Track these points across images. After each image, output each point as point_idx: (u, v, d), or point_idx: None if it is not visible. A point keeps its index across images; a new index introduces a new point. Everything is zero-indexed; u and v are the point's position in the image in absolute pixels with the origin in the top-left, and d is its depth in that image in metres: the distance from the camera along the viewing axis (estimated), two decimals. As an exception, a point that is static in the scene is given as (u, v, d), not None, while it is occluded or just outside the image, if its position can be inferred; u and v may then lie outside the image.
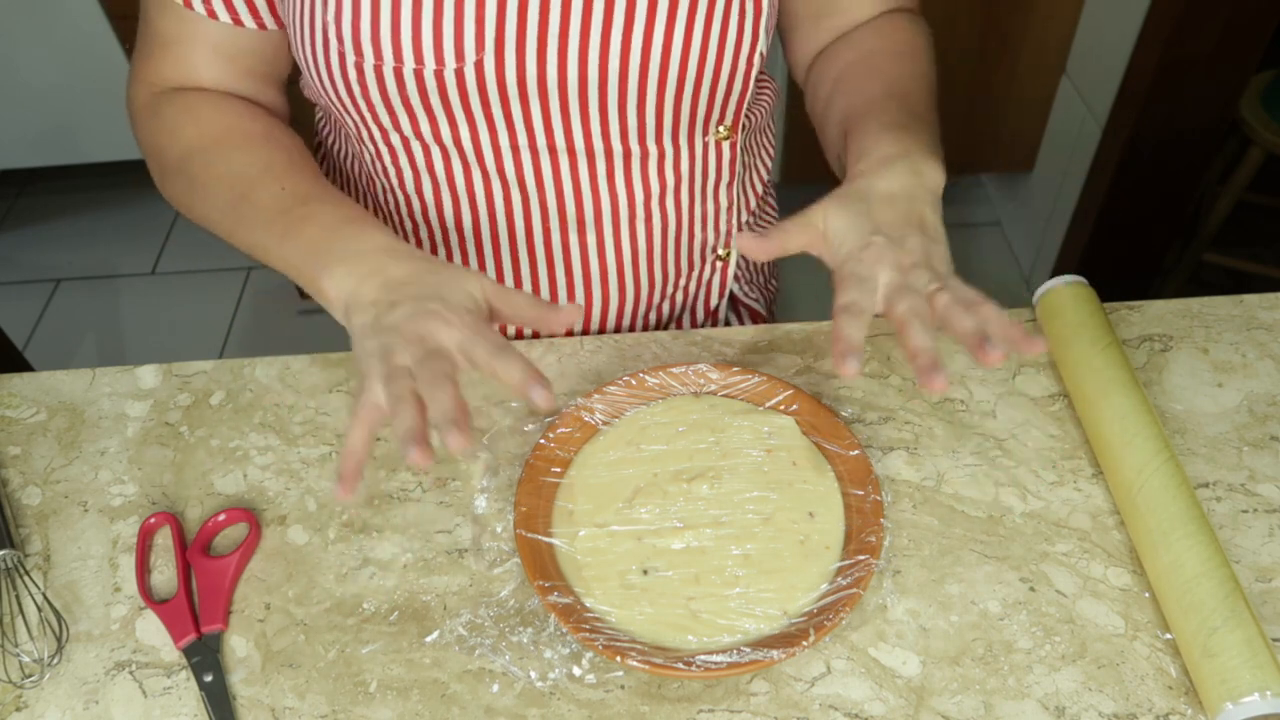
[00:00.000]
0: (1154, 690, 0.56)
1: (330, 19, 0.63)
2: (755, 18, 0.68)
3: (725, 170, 0.78)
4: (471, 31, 0.63)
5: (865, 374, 0.73)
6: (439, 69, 0.64)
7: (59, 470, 0.70)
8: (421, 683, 0.58)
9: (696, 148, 0.75)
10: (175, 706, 0.58)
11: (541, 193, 0.74)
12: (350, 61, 0.65)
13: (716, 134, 0.74)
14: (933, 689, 0.57)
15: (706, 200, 0.79)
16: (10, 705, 0.58)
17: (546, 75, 0.66)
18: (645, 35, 0.65)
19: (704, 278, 0.85)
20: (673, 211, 0.78)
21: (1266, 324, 0.76)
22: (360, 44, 0.63)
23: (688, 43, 0.66)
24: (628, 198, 0.75)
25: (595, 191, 0.74)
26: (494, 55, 0.64)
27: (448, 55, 0.63)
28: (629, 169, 0.73)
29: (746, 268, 0.93)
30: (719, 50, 0.67)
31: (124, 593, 0.63)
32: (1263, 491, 0.66)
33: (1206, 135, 1.64)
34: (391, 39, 0.63)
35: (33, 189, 2.39)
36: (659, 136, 0.72)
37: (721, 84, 0.70)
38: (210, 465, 0.70)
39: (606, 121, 0.69)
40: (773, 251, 0.60)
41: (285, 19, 0.68)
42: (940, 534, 0.64)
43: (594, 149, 0.71)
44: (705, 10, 0.65)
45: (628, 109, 0.69)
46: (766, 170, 0.91)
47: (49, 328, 2.12)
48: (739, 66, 0.69)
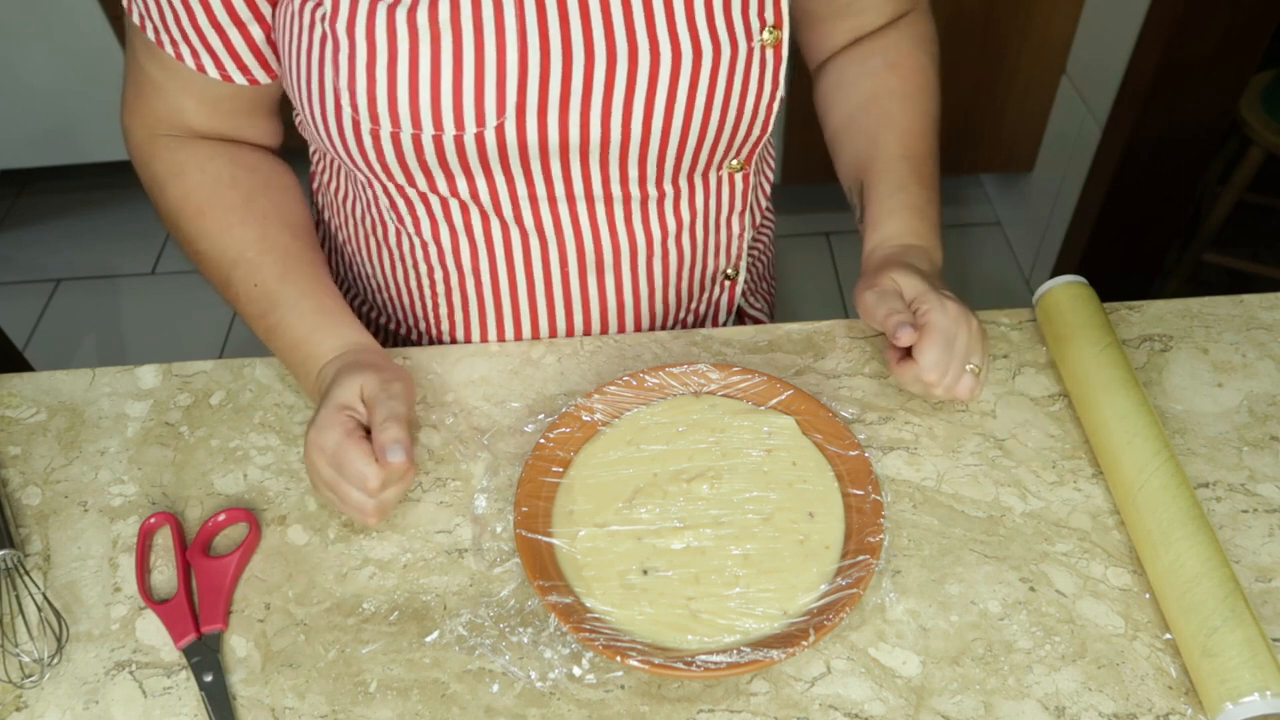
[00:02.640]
0: (1154, 690, 0.56)
1: (344, 85, 0.62)
2: (776, 66, 0.67)
3: (739, 199, 0.77)
4: (493, 97, 0.61)
5: (865, 374, 0.73)
6: (459, 134, 0.63)
7: (59, 470, 0.70)
8: (422, 683, 0.58)
9: (711, 183, 0.74)
10: (175, 706, 0.58)
11: (560, 239, 0.73)
12: (366, 128, 0.63)
13: (730, 167, 0.74)
14: (932, 689, 0.57)
15: (720, 230, 0.79)
16: (10, 705, 0.58)
17: (569, 136, 0.65)
18: (669, 96, 0.64)
19: (713, 298, 0.85)
20: (688, 246, 0.77)
21: (1266, 324, 0.76)
22: (377, 112, 0.62)
23: (710, 100, 0.66)
24: (645, 238, 0.74)
25: (614, 235, 0.73)
26: (515, 119, 0.63)
27: (468, 121, 0.62)
28: (645, 211, 0.73)
29: (750, 279, 0.92)
30: (740, 103, 0.67)
31: (124, 593, 0.63)
32: (1263, 491, 0.66)
33: (1206, 135, 1.64)
34: (410, 107, 0.61)
35: (33, 189, 2.39)
36: (675, 178, 0.71)
37: (741, 130, 0.70)
38: (210, 465, 0.70)
39: (626, 171, 0.69)
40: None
41: (286, 81, 0.66)
42: (940, 534, 0.64)
43: (612, 195, 0.70)
44: (728, 67, 0.65)
45: (648, 160, 0.68)
46: (769, 183, 0.90)
47: (49, 328, 2.12)
48: (759, 114, 0.69)
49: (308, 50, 0.62)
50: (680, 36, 0.63)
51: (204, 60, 0.66)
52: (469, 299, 0.77)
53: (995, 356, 0.75)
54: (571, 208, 0.70)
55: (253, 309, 0.71)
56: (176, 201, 0.72)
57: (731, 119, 0.68)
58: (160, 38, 0.65)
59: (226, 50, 0.66)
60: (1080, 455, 0.68)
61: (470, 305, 0.77)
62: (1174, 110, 1.59)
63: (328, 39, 0.61)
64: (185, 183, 0.71)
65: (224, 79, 0.67)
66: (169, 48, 0.66)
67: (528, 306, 0.77)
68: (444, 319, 0.79)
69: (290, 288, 0.70)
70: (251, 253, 0.70)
